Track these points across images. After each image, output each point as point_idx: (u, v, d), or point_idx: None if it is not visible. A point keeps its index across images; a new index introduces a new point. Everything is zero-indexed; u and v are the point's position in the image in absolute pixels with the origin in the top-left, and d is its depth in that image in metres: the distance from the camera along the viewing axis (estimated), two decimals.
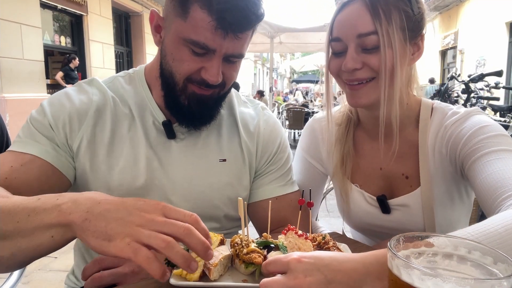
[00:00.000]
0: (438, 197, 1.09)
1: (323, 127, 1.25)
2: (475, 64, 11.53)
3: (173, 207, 0.67)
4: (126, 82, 1.11)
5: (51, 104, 1.01)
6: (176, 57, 0.96)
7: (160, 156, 1.05)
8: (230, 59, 0.98)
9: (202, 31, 0.90)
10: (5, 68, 7.33)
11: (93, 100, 1.03)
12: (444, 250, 0.55)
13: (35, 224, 0.68)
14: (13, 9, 7.46)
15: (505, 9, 9.95)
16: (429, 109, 1.12)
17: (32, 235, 0.68)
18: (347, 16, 1.02)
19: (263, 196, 1.16)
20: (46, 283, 2.88)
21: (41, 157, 0.94)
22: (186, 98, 0.99)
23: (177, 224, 0.63)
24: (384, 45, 0.97)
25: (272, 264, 0.67)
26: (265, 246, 0.84)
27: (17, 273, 1.20)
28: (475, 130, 0.97)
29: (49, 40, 9.17)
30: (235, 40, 0.93)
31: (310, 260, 0.64)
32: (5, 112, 6.83)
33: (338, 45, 1.04)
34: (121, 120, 1.04)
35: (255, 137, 1.16)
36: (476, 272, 0.52)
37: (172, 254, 0.61)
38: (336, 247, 0.84)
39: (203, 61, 0.95)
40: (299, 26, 8.67)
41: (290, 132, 10.59)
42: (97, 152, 1.00)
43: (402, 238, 0.55)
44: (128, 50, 12.69)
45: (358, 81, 1.03)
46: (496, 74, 5.19)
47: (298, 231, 0.86)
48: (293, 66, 29.32)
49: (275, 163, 1.18)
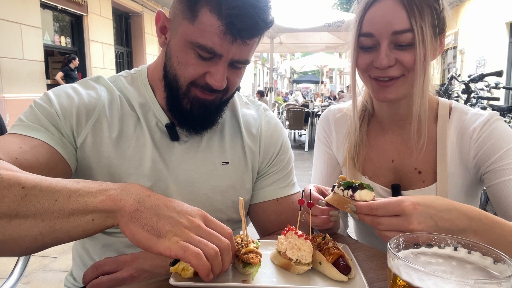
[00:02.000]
0: (453, 194, 1.10)
1: (337, 118, 1.29)
2: (475, 64, 11.52)
3: (213, 218, 0.72)
4: (129, 82, 1.10)
5: (58, 95, 0.98)
6: (181, 60, 0.95)
7: (164, 158, 1.04)
8: (235, 65, 0.97)
9: (210, 35, 0.89)
10: (5, 68, 7.33)
11: (101, 96, 1.02)
12: (444, 251, 0.55)
13: (77, 205, 0.66)
14: (13, 9, 7.47)
15: (505, 9, 9.94)
16: (447, 108, 1.14)
17: (70, 217, 0.66)
18: (381, 12, 1.01)
19: (265, 197, 1.15)
20: (46, 283, 2.88)
21: (50, 143, 0.91)
22: (188, 102, 0.99)
23: (221, 239, 0.69)
24: (419, 42, 0.98)
25: (382, 208, 0.77)
26: (349, 186, 0.88)
27: (17, 273, 1.20)
28: (510, 149, 1.01)
29: (49, 40, 9.17)
30: (242, 46, 0.93)
31: (423, 208, 0.74)
32: (5, 112, 6.84)
33: (368, 40, 1.04)
34: (127, 119, 1.04)
35: (258, 139, 1.16)
36: (476, 271, 0.52)
37: (215, 263, 0.66)
38: (336, 247, 0.84)
39: (209, 66, 0.94)
40: (299, 26, 8.66)
41: (290, 132, 10.58)
42: (103, 148, 0.99)
43: (402, 238, 0.55)
44: (128, 50, 12.70)
45: (389, 77, 1.04)
46: (496, 74, 5.18)
47: (298, 231, 0.86)
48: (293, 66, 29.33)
49: (276, 164, 1.18)
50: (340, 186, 0.91)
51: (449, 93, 5.76)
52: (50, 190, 0.66)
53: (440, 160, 1.10)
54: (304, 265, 0.82)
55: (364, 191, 0.86)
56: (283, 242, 0.85)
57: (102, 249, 1.03)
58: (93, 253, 1.06)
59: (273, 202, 1.16)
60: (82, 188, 0.68)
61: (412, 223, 0.73)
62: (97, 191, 0.67)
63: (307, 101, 13.72)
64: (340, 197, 0.91)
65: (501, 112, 5.92)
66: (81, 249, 1.10)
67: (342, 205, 0.91)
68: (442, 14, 1.04)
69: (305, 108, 9.91)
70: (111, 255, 1.00)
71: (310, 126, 9.58)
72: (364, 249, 0.99)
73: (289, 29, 8.75)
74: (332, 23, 8.10)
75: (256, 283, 0.77)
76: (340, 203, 0.91)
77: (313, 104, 11.99)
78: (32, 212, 0.65)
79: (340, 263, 0.79)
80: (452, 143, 1.10)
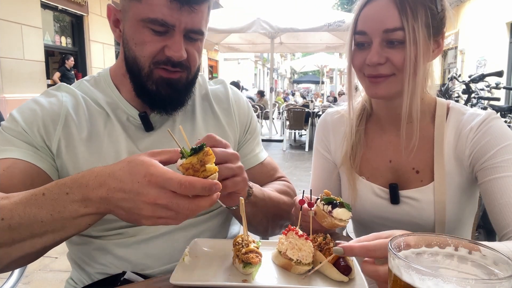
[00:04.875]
0: (450, 193, 1.11)
1: (334, 120, 1.31)
2: (475, 65, 11.51)
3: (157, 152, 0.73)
4: (92, 85, 1.11)
5: (21, 112, 0.99)
6: (137, 40, 0.97)
7: (140, 148, 1.05)
8: (191, 36, 0.99)
9: (159, 8, 0.92)
10: (5, 68, 7.34)
11: (63, 101, 1.03)
12: (445, 250, 0.55)
13: (66, 215, 0.71)
14: (14, 9, 7.48)
15: (506, 9, 9.94)
16: (444, 107, 1.15)
17: (65, 228, 0.73)
18: (374, 11, 1.04)
19: (248, 165, 1.21)
20: (46, 283, 2.88)
21: (23, 159, 0.92)
22: (153, 83, 1.00)
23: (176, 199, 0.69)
24: (409, 41, 1.00)
25: (377, 251, 0.68)
26: (329, 202, 0.89)
27: (17, 273, 1.20)
28: (504, 147, 1.01)
29: (50, 41, 9.18)
30: (192, 14, 0.95)
31: None
32: (6, 112, 6.84)
33: (362, 38, 1.07)
34: (95, 117, 1.04)
35: (232, 111, 1.22)
36: (477, 271, 0.52)
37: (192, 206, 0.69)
38: None
39: (165, 40, 0.96)
40: (299, 27, 8.66)
41: (291, 133, 10.57)
42: (76, 150, 0.99)
43: (402, 238, 0.55)
44: None
45: (379, 76, 1.06)
46: (496, 74, 5.19)
47: (299, 232, 0.86)
48: (293, 67, 29.34)
49: (251, 132, 1.26)
50: (321, 201, 0.93)
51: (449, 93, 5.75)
52: (29, 216, 0.71)
53: (437, 159, 1.11)
54: (305, 265, 0.82)
55: (342, 210, 0.88)
56: (283, 242, 0.85)
57: (95, 252, 1.04)
58: (87, 257, 1.06)
59: (258, 167, 1.24)
60: (55, 204, 0.71)
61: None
62: (71, 201, 0.71)
63: (308, 101, 13.70)
64: (320, 210, 0.92)
65: (501, 112, 5.92)
66: (75, 256, 1.10)
67: (320, 218, 0.93)
68: (441, 15, 1.05)
69: (306, 108, 9.91)
70: (104, 257, 1.02)
71: (310, 127, 9.58)
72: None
73: (290, 29, 8.76)
74: (332, 23, 8.11)
75: (256, 283, 0.77)
76: (319, 216, 0.93)
77: (313, 104, 11.99)
78: (27, 235, 0.72)
79: (341, 264, 0.79)
80: (449, 142, 1.11)
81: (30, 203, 0.71)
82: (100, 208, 0.71)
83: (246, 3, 9.11)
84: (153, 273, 1.02)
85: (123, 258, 1.01)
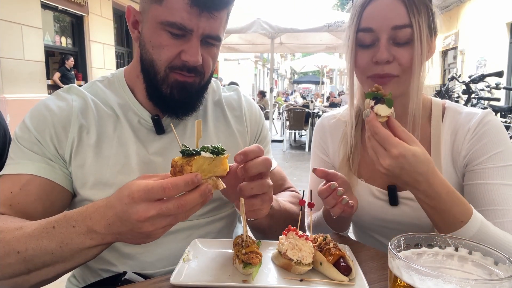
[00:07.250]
0: None
1: (331, 124, 1.31)
2: (475, 65, 11.51)
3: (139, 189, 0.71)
4: (105, 86, 1.11)
5: (32, 118, 1.00)
6: (155, 43, 0.97)
7: (150, 151, 1.05)
8: (207, 41, 0.99)
9: (178, 11, 0.93)
10: (6, 68, 7.34)
11: (73, 106, 1.03)
12: (445, 251, 0.55)
13: (74, 247, 0.76)
14: (14, 9, 7.48)
15: (506, 10, 9.94)
16: (440, 107, 1.15)
17: (74, 257, 0.77)
18: (380, 7, 1.02)
19: None
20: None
21: (38, 174, 0.95)
22: (168, 87, 1.00)
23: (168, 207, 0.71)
24: (418, 38, 0.99)
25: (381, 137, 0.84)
26: (374, 98, 0.90)
27: None
28: (498, 154, 1.03)
29: (50, 41, 9.18)
30: (211, 20, 0.95)
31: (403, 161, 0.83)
32: (6, 112, 6.84)
33: (367, 36, 1.05)
34: (105, 121, 1.04)
35: (243, 119, 1.21)
36: (478, 271, 0.52)
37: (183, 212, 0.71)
38: (337, 248, 0.84)
39: (182, 44, 0.96)
40: (299, 27, 8.65)
41: (291, 133, 10.57)
42: (86, 155, 1.00)
43: (402, 238, 0.55)
44: (129, 51, 12.70)
45: (386, 76, 1.04)
46: (496, 74, 5.19)
47: (299, 232, 0.86)
48: (293, 67, 29.33)
49: (261, 140, 1.26)
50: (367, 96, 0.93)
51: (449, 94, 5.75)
52: (41, 249, 0.76)
53: (435, 159, 1.11)
54: (305, 265, 0.82)
55: (382, 106, 0.88)
56: (283, 242, 0.86)
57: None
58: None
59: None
60: (63, 237, 0.76)
61: (385, 161, 0.84)
62: (78, 234, 0.75)
63: (308, 101, 13.70)
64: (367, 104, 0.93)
65: (501, 112, 5.92)
66: None
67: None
68: (434, 16, 1.06)
69: (306, 109, 9.90)
70: (110, 254, 1.02)
71: (310, 127, 9.57)
72: (365, 249, 0.99)
73: (290, 30, 8.75)
74: (332, 24, 8.09)
75: (257, 283, 0.77)
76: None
77: (313, 104, 11.98)
78: (40, 265, 0.78)
79: (341, 264, 0.79)
80: (446, 142, 1.12)
81: (42, 236, 0.77)
82: (106, 239, 0.75)
83: (246, 3, 9.09)
84: (153, 273, 1.02)
85: (129, 255, 1.02)
